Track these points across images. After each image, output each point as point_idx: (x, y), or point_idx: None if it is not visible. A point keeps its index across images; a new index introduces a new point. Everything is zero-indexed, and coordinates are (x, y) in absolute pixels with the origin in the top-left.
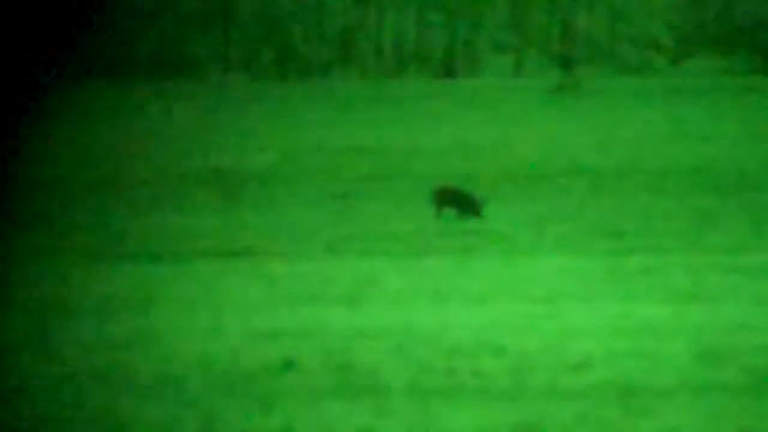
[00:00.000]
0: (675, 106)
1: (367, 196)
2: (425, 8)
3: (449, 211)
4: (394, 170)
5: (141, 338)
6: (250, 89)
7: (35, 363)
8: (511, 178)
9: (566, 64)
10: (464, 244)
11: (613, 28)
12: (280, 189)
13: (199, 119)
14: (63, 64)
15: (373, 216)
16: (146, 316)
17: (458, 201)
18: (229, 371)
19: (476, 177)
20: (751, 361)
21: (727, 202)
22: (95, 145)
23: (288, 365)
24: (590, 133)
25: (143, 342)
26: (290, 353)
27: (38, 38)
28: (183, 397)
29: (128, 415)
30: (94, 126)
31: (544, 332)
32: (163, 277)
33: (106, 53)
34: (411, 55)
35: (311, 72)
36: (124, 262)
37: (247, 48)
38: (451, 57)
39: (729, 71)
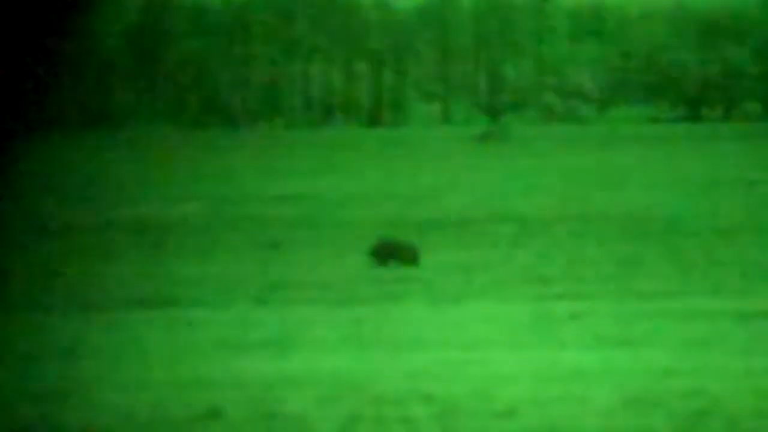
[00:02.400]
0: (601, 153)
1: (295, 245)
2: (352, 58)
3: (384, 262)
4: (322, 218)
5: (66, 390)
6: (177, 138)
7: None
8: (439, 225)
9: (493, 112)
10: (392, 291)
11: (540, 77)
12: (207, 238)
13: (124, 168)
14: None
15: (301, 264)
16: (71, 366)
17: (397, 253)
18: (155, 421)
19: (404, 224)
20: (677, 405)
21: (652, 248)
22: (18, 194)
23: (214, 414)
24: (517, 180)
25: (68, 393)
26: (216, 402)
27: None
28: None
29: None
30: (17, 175)
31: (472, 379)
32: (88, 326)
33: (27, 102)
34: (338, 104)
35: (238, 121)
36: (49, 312)
37: (174, 97)
38: (378, 106)
39: (654, 119)
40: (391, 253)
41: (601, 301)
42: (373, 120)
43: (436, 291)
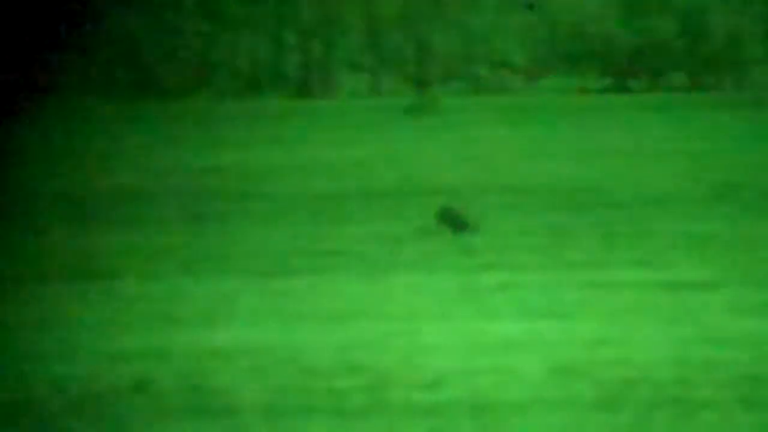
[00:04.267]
0: (529, 124)
1: (224, 216)
2: (280, 29)
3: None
4: (250, 190)
5: None
6: (107, 111)
7: None
8: (368, 197)
9: (421, 83)
10: (321, 263)
11: (468, 49)
12: (135, 209)
13: (55, 141)
14: None
15: (230, 236)
16: None
17: (458, 219)
18: (83, 394)
19: (333, 196)
20: (604, 375)
21: (580, 219)
22: None
23: (141, 386)
24: (446, 151)
25: None
26: (144, 374)
27: None
28: (36, 421)
29: None
30: None
31: (400, 350)
32: (14, 299)
33: None
34: (266, 76)
35: (168, 93)
36: None
37: (104, 70)
38: (307, 77)
39: (582, 90)
40: (454, 218)
41: (530, 272)
42: (302, 91)
43: (366, 263)
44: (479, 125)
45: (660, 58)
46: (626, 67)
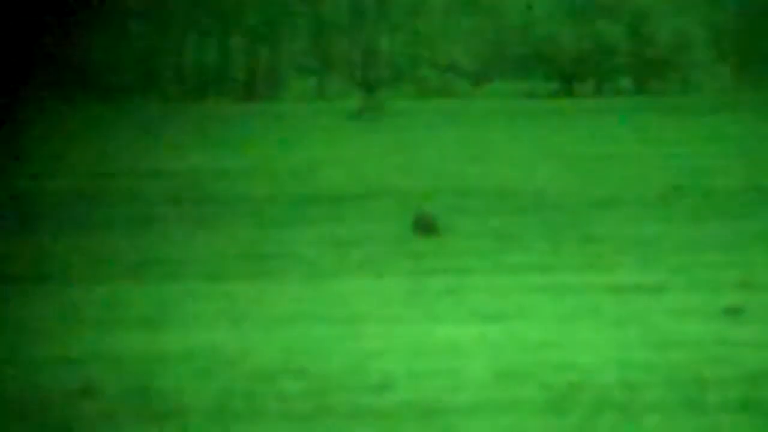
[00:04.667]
0: (476, 128)
1: (168, 220)
2: (226, 31)
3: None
4: (195, 194)
5: None
6: (52, 114)
7: None
8: (314, 200)
9: (368, 87)
10: (266, 267)
11: (415, 52)
12: (80, 213)
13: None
14: None
15: (175, 239)
16: None
17: (433, 224)
18: (27, 399)
19: (280, 200)
20: (549, 378)
21: (526, 223)
22: None
23: (87, 391)
24: (393, 154)
25: None
26: (90, 379)
27: None
28: None
29: None
30: None
31: (346, 354)
32: None
33: None
34: (212, 79)
35: (113, 96)
36: None
37: (50, 73)
38: (253, 80)
39: (529, 94)
40: (429, 224)
41: (476, 276)
42: (248, 94)
43: (311, 266)
44: (426, 129)
45: (606, 62)
46: (573, 71)
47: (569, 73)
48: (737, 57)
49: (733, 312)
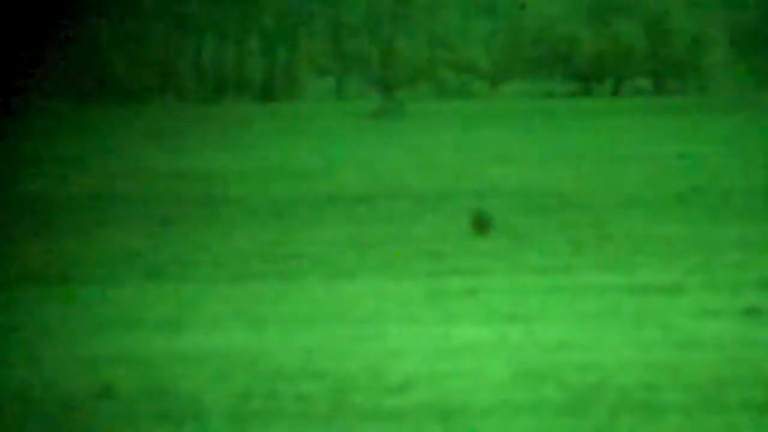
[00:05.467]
0: (494, 129)
1: (187, 221)
2: (244, 32)
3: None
4: (214, 195)
5: None
6: (71, 115)
7: None
8: (333, 201)
9: (386, 87)
10: (285, 268)
11: (433, 52)
12: (99, 215)
13: (18, 146)
14: None
15: (194, 241)
16: None
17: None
18: (47, 399)
19: (298, 200)
20: (569, 378)
21: (546, 223)
22: None
23: (106, 392)
24: (411, 155)
25: None
26: (109, 380)
27: None
28: (0, 428)
29: None
30: None
31: (365, 355)
32: None
33: None
34: (230, 80)
35: (131, 98)
36: None
37: (67, 74)
38: (271, 81)
39: (547, 95)
40: (487, 223)
41: (495, 276)
42: (266, 95)
43: (330, 267)
44: (444, 129)
45: (624, 62)
46: (591, 72)
47: (587, 74)
48: (756, 57)
49: (754, 312)
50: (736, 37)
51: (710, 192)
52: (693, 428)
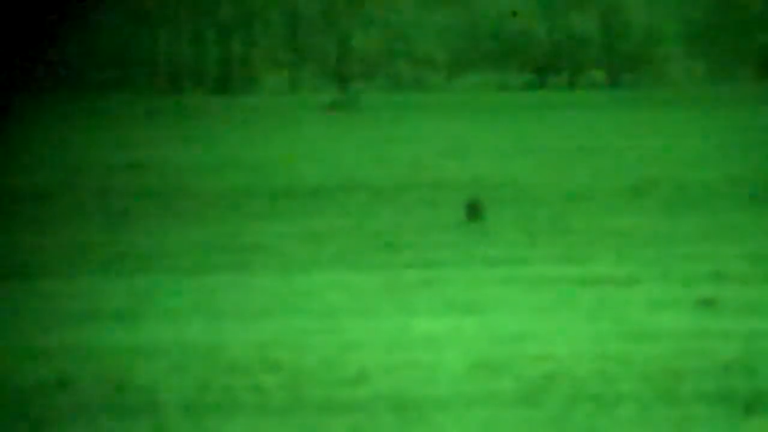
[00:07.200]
0: (450, 121)
1: (143, 213)
2: (199, 24)
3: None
4: (170, 187)
5: None
6: (23, 108)
7: None
8: (289, 194)
9: (342, 80)
10: (241, 260)
11: (388, 45)
12: (53, 208)
13: None
14: None
15: (149, 233)
16: None
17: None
18: (2, 391)
19: (253, 193)
20: (524, 370)
21: (502, 215)
22: None
23: (62, 384)
24: (367, 148)
25: None
26: (65, 372)
27: None
28: None
29: None
30: None
31: (321, 347)
32: None
33: None
34: (186, 72)
35: (86, 90)
36: None
37: (20, 67)
38: (227, 74)
39: (502, 87)
40: (479, 210)
41: (451, 268)
42: (221, 88)
43: (287, 260)
44: (400, 122)
45: (579, 55)
46: (546, 64)
47: (543, 66)
48: (710, 50)
49: (708, 304)
50: (690, 31)
51: (665, 184)
52: (647, 419)
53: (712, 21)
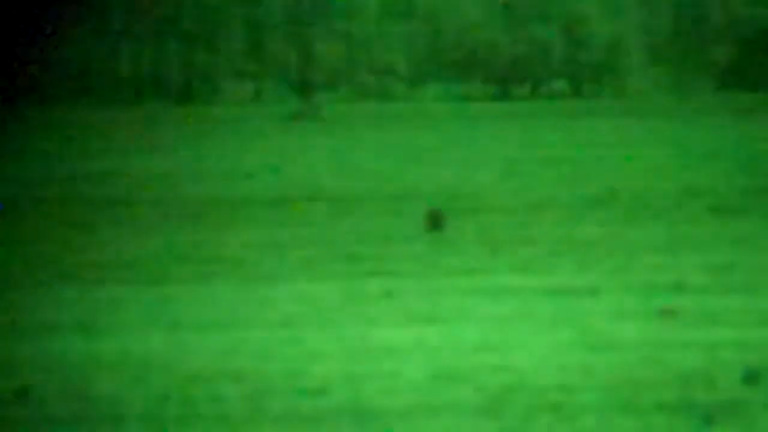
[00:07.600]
0: (412, 131)
1: (103, 224)
2: (162, 34)
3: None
4: (130, 198)
5: None
6: None
7: None
8: (250, 204)
9: (305, 90)
10: (202, 270)
11: (351, 55)
12: (14, 219)
13: None
14: None
15: (109, 243)
16: None
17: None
18: None
19: (214, 203)
20: (485, 380)
21: (463, 225)
22: None
23: (23, 395)
24: (329, 158)
25: None
26: (25, 383)
27: None
28: None
29: None
30: None
31: (283, 357)
32: None
33: None
34: (148, 83)
35: (48, 101)
36: None
37: None
38: (189, 84)
39: (465, 97)
40: (440, 219)
41: (413, 279)
42: (184, 98)
43: (248, 270)
44: (362, 132)
45: (542, 65)
46: (508, 75)
47: (505, 77)
48: (672, 61)
49: (668, 314)
50: (652, 41)
51: (625, 194)
52: (607, 429)
53: (674, 33)
